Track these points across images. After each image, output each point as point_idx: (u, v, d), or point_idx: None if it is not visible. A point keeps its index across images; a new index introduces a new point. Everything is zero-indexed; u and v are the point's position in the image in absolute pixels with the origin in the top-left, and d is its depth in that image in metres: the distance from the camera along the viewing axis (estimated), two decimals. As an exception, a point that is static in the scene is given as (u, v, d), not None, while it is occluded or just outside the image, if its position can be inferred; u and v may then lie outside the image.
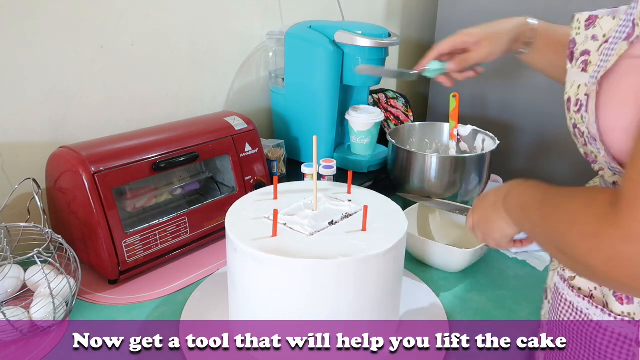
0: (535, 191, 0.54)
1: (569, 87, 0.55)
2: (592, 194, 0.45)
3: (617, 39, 0.47)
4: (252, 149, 1.03)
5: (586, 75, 0.51)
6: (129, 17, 1.03)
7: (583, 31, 0.54)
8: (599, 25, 0.52)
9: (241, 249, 0.65)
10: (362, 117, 1.16)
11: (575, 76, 0.54)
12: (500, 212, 0.62)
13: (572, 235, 0.44)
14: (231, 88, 1.29)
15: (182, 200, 1.01)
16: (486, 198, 0.68)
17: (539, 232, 0.52)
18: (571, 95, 0.54)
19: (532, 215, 0.54)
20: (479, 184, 1.07)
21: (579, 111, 0.52)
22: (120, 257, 0.83)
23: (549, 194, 0.51)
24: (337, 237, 0.67)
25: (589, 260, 0.42)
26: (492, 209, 0.64)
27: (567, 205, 0.46)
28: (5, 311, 0.70)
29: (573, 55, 0.55)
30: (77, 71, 0.98)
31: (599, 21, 0.52)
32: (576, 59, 0.54)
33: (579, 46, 0.54)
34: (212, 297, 0.81)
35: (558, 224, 0.46)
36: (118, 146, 0.88)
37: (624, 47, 0.45)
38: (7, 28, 0.87)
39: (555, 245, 0.48)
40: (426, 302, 0.82)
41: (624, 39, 0.46)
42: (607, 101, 0.48)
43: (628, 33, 0.45)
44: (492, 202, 0.65)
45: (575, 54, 0.54)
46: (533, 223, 0.54)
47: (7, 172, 0.92)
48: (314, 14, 1.39)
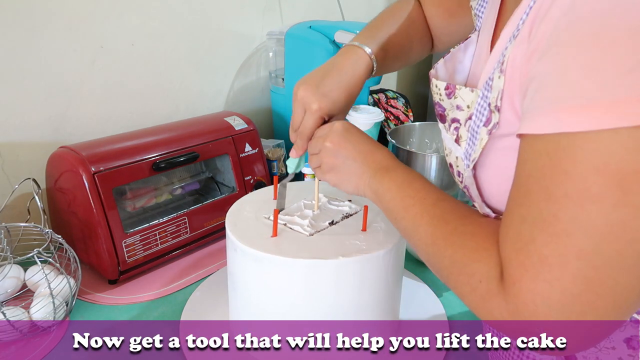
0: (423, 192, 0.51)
1: (448, 153, 0.54)
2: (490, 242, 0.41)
3: (479, 122, 0.46)
4: (252, 149, 1.03)
5: (459, 149, 0.50)
6: (129, 17, 1.03)
7: (446, 99, 0.52)
8: (460, 96, 0.50)
9: (241, 249, 0.65)
10: (362, 117, 1.16)
11: (452, 145, 0.52)
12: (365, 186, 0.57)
13: (459, 278, 0.42)
14: (231, 88, 1.29)
15: (182, 200, 1.01)
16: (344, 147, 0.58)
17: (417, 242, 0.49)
18: (452, 163, 0.53)
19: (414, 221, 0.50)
20: (479, 184, 1.07)
21: (461, 182, 0.52)
22: (120, 257, 0.83)
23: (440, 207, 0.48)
24: (337, 237, 0.67)
25: (473, 309, 0.42)
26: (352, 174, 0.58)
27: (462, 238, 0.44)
28: (5, 311, 0.70)
29: (445, 119, 0.53)
30: (77, 71, 0.98)
31: (458, 92, 0.50)
32: (448, 124, 0.52)
33: (448, 112, 0.52)
34: (212, 297, 0.81)
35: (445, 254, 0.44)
36: (118, 146, 0.88)
37: (483, 135, 0.45)
38: (8, 28, 0.87)
39: (435, 266, 0.47)
40: (426, 302, 0.83)
41: (483, 124, 0.45)
42: (485, 181, 0.48)
43: (487, 117, 0.45)
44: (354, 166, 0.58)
45: (447, 119, 0.52)
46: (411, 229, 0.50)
47: (7, 172, 0.92)
48: (314, 14, 1.40)
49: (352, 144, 0.59)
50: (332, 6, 1.41)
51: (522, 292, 0.36)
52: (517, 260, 0.36)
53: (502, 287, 0.38)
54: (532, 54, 0.38)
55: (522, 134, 0.37)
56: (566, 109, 0.33)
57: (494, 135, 0.44)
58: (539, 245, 0.35)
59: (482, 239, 0.42)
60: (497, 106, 0.43)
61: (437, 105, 0.54)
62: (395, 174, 0.55)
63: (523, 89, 0.39)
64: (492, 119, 0.44)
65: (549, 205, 0.34)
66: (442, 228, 0.46)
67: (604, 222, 0.32)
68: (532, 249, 0.35)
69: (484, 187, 0.49)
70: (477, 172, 0.48)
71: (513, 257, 0.37)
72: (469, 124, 0.48)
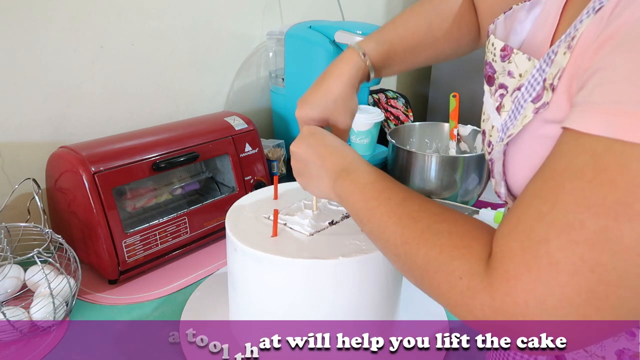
0: (388, 192, 0.48)
1: (485, 119, 0.50)
2: (469, 239, 0.39)
3: (527, 96, 0.42)
4: (252, 149, 1.03)
5: (499, 119, 0.47)
6: (129, 17, 1.03)
7: (499, 61, 0.48)
8: (514, 62, 0.46)
9: (241, 249, 0.65)
10: (362, 117, 1.16)
11: (492, 111, 0.49)
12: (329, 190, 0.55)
13: (436, 276, 0.40)
14: (231, 88, 1.29)
15: (182, 200, 1.01)
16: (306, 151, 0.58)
17: (385, 244, 0.47)
18: (486, 130, 0.50)
19: (379, 224, 0.47)
20: (479, 184, 1.07)
21: (489, 154, 0.49)
22: (120, 257, 0.83)
23: (408, 206, 0.46)
24: (337, 237, 0.67)
25: (451, 308, 0.39)
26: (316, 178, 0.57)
27: (437, 236, 0.41)
28: (5, 311, 0.70)
29: (493, 81, 0.49)
30: (77, 71, 0.98)
31: (514, 57, 0.46)
32: (495, 88, 0.49)
33: (498, 75, 0.48)
34: (212, 297, 0.81)
35: (418, 253, 0.42)
36: (118, 146, 0.87)
37: (528, 112, 0.42)
38: (8, 28, 0.87)
39: (406, 267, 0.44)
40: (426, 302, 0.82)
41: (532, 99, 0.42)
42: (514, 162, 0.45)
43: (538, 93, 0.41)
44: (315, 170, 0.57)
45: (495, 82, 0.49)
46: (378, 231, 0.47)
47: (7, 172, 0.92)
48: (314, 14, 1.40)
49: (313, 147, 0.58)
50: (332, 6, 1.41)
51: (516, 291, 0.34)
52: (522, 258, 0.34)
53: (487, 282, 0.35)
54: (607, 40, 0.33)
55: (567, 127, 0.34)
56: (630, 114, 0.30)
57: (539, 117, 0.40)
58: (553, 248, 0.32)
59: (459, 237, 0.40)
60: (553, 85, 0.39)
61: (488, 66, 0.50)
62: (357, 175, 0.52)
63: (584, 76, 0.35)
64: (543, 96, 0.40)
65: (578, 210, 0.32)
66: (412, 227, 0.43)
67: (634, 242, 0.30)
68: (544, 250, 0.33)
69: (509, 167, 0.46)
70: (509, 148, 0.45)
71: (517, 253, 0.34)
72: (516, 94, 0.45)
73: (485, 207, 1.03)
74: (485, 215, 0.93)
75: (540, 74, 0.41)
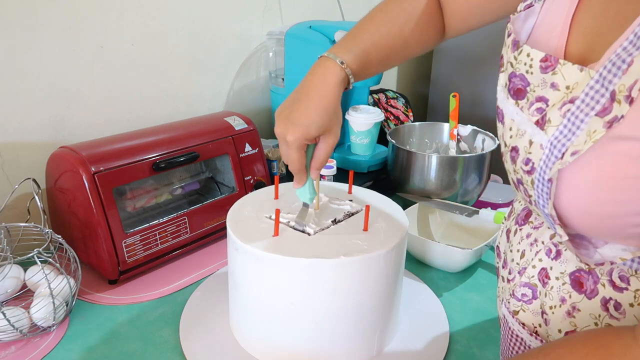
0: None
1: (517, 134, 0.47)
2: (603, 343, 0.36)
3: (588, 110, 0.39)
4: (252, 149, 1.03)
5: (542, 134, 0.43)
6: (129, 17, 1.03)
7: (538, 73, 0.45)
8: (561, 73, 0.42)
9: (243, 248, 0.65)
10: (362, 117, 1.16)
11: (528, 127, 0.45)
12: None
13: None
14: (231, 88, 1.29)
15: (182, 200, 1.01)
16: None
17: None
18: (519, 147, 0.46)
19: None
20: (479, 184, 1.07)
21: (530, 173, 0.45)
22: (120, 257, 0.83)
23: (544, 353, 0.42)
24: (338, 237, 0.67)
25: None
26: None
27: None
28: (5, 311, 0.70)
29: (524, 94, 0.46)
30: (77, 71, 0.98)
31: (560, 67, 0.42)
32: (530, 102, 0.46)
33: (534, 87, 0.45)
34: (212, 297, 0.81)
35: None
36: (118, 146, 0.87)
37: (597, 126, 0.38)
38: (8, 28, 0.87)
39: None
40: (426, 302, 0.82)
41: (597, 113, 0.38)
42: (572, 184, 0.41)
43: (604, 106, 0.37)
44: None
45: (529, 96, 0.46)
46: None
47: (7, 172, 0.92)
48: (314, 14, 1.40)
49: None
50: (332, 6, 1.41)
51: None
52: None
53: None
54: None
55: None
56: None
57: (611, 132, 0.36)
58: None
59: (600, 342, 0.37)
60: (631, 97, 0.35)
61: (518, 78, 0.46)
62: None
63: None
64: (613, 109, 0.36)
65: None
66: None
67: None
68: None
69: (563, 190, 0.42)
70: (565, 168, 0.41)
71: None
72: (568, 107, 0.41)
73: (485, 207, 1.03)
74: (485, 215, 0.93)
75: (604, 85, 0.38)
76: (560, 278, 0.49)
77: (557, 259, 0.50)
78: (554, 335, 0.49)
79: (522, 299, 0.53)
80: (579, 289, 0.47)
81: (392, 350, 0.72)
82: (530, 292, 0.52)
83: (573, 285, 0.47)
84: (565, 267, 0.49)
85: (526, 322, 0.52)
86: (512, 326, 0.54)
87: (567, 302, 0.48)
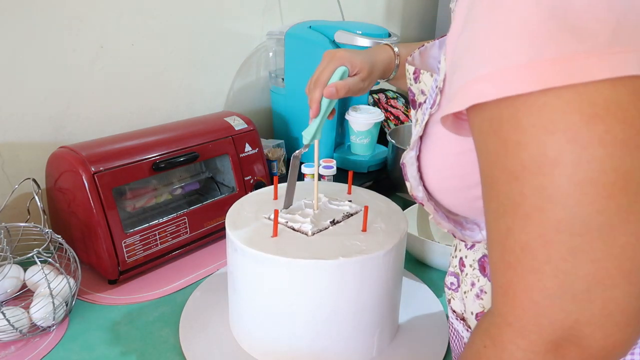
0: None
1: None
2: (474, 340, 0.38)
3: (428, 105, 0.45)
4: (252, 149, 1.03)
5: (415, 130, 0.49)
6: (129, 17, 1.03)
7: (414, 84, 0.53)
8: (423, 81, 0.51)
9: (242, 249, 0.65)
10: (362, 117, 1.16)
11: (413, 129, 0.52)
12: None
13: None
14: (231, 88, 1.29)
15: (182, 200, 1.01)
16: None
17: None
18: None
19: None
20: (479, 184, 1.06)
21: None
22: (120, 257, 0.83)
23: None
24: (337, 238, 0.67)
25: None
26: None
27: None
28: (5, 311, 0.70)
29: (415, 104, 0.54)
30: (77, 71, 0.98)
31: (422, 76, 0.51)
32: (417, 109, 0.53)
33: (417, 97, 0.53)
34: (212, 297, 0.81)
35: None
36: (118, 146, 0.87)
37: (426, 116, 0.45)
38: (7, 28, 0.87)
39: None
40: (426, 302, 0.82)
41: (430, 106, 0.44)
42: (425, 164, 0.47)
43: (434, 100, 0.43)
44: None
45: (416, 104, 0.54)
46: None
47: (7, 172, 0.92)
48: (314, 14, 1.40)
49: None
50: (332, 6, 1.41)
51: (517, 298, 0.32)
52: (503, 264, 0.32)
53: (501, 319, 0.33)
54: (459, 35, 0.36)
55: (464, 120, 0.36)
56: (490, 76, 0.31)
57: (434, 118, 0.44)
58: (517, 233, 0.31)
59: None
60: (440, 87, 0.42)
61: (409, 91, 0.55)
62: None
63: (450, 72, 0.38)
64: (436, 101, 0.43)
65: (512, 186, 0.31)
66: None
67: (569, 184, 0.29)
68: (512, 241, 0.31)
69: (425, 173, 0.48)
70: (422, 155, 0.47)
71: (499, 265, 0.33)
72: (424, 107, 0.48)
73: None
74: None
75: (435, 83, 0.45)
76: (472, 265, 0.54)
77: (472, 249, 0.54)
78: (470, 318, 0.54)
79: (450, 287, 0.58)
80: (483, 272, 0.52)
81: (392, 351, 0.72)
82: (456, 281, 0.57)
83: (480, 270, 0.53)
84: (475, 254, 0.54)
85: (456, 310, 0.57)
86: (451, 318, 0.58)
87: (476, 286, 0.53)
